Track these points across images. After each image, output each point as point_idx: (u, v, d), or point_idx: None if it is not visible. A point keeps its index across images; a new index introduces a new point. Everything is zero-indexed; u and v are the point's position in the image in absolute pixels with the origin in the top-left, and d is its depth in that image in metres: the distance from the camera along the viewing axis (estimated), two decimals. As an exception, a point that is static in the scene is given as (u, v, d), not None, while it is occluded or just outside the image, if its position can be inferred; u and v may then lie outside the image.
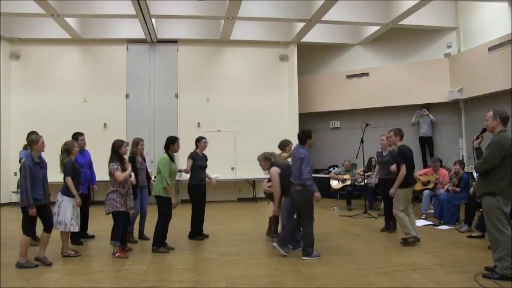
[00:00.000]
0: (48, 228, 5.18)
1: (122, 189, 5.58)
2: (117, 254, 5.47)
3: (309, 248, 5.32)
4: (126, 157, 5.88)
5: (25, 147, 5.54)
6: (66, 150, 5.56)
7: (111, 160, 5.66)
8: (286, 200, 5.84)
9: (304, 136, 5.49)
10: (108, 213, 5.60)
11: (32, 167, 4.95)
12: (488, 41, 9.61)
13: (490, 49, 9.46)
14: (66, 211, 5.36)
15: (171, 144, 6.14)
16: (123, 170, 5.60)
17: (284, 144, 6.57)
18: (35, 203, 4.90)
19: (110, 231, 5.56)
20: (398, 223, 6.08)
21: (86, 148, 6.85)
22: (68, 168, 5.44)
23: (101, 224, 7.58)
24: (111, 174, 5.57)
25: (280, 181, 5.85)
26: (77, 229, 5.51)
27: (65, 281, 4.52)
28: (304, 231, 5.40)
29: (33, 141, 5.08)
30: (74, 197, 5.41)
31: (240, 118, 11.75)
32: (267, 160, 6.15)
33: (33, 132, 5.51)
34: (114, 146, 5.75)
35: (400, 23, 10.48)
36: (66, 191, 5.42)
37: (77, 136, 6.68)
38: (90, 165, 6.82)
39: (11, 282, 4.42)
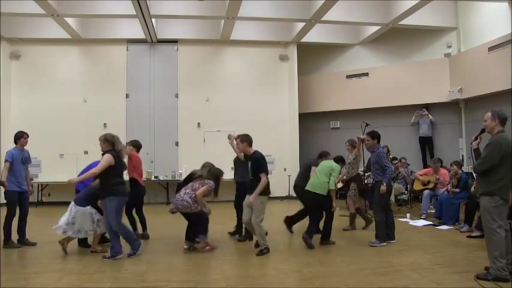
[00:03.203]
0: None
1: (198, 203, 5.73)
2: (207, 248, 5.68)
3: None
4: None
5: None
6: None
7: (209, 179, 5.86)
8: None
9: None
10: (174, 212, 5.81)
11: None
12: (488, 41, 9.61)
13: (490, 49, 9.47)
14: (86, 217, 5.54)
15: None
16: None
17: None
18: None
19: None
20: (257, 232, 5.55)
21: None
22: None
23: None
24: (202, 186, 5.76)
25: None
26: (104, 229, 5.58)
27: (65, 281, 4.51)
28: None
29: None
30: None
31: (240, 118, 11.74)
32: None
33: None
34: (215, 174, 5.99)
35: (400, 23, 10.49)
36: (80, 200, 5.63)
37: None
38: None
39: (11, 282, 4.42)
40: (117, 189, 5.26)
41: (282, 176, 11.89)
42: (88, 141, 11.23)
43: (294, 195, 11.77)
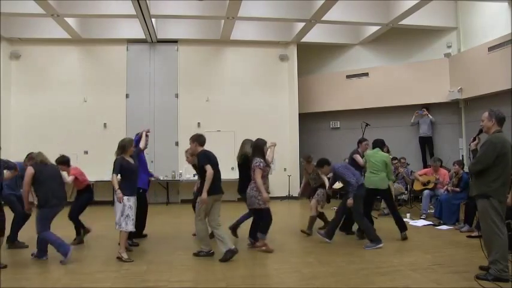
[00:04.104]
0: None
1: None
2: (263, 248, 5.59)
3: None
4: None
5: None
6: (122, 147, 5.45)
7: (254, 156, 5.63)
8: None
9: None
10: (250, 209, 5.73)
11: None
12: (488, 41, 9.61)
13: (490, 49, 9.47)
14: (116, 210, 5.27)
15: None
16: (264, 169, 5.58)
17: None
18: None
19: (108, 232, 5.55)
20: (196, 232, 5.52)
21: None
22: (116, 165, 5.35)
23: (101, 223, 7.60)
24: (253, 170, 5.54)
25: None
26: (129, 229, 5.30)
27: (65, 281, 4.51)
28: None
29: None
30: (124, 196, 5.26)
31: (240, 118, 11.75)
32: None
33: None
34: (258, 144, 5.74)
35: (400, 23, 10.48)
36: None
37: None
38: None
39: (11, 282, 4.42)
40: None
41: (282, 176, 11.89)
42: (88, 141, 11.27)
43: (295, 195, 11.87)
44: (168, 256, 5.53)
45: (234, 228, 6.60)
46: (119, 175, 5.37)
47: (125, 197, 5.25)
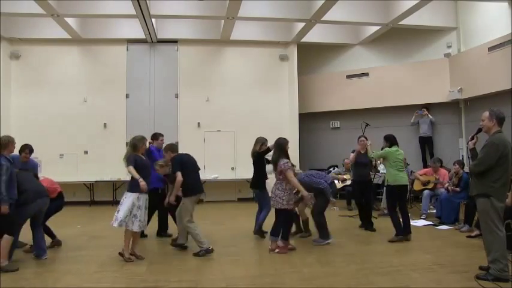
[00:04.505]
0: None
1: (288, 187, 5.55)
2: (277, 250, 5.54)
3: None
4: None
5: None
6: (133, 145, 5.40)
7: (279, 157, 5.63)
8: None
9: None
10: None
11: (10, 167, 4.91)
12: (488, 41, 9.61)
13: (490, 49, 9.46)
14: (123, 208, 5.18)
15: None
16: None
17: None
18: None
19: (108, 232, 5.55)
20: (191, 235, 5.56)
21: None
22: (130, 158, 5.28)
23: (101, 223, 7.60)
24: (281, 172, 5.53)
25: None
26: (135, 229, 5.22)
27: (65, 281, 4.51)
28: None
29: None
30: (134, 193, 5.19)
31: (240, 118, 11.75)
32: None
33: None
34: (280, 144, 5.76)
35: (400, 23, 10.48)
36: (130, 188, 5.26)
37: (157, 136, 6.76)
38: None
39: (11, 282, 4.42)
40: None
41: (282, 176, 11.89)
42: (88, 141, 11.27)
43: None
44: (168, 256, 5.53)
45: (259, 231, 6.65)
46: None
47: (135, 196, 5.19)
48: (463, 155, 10.54)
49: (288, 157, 5.71)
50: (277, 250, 5.56)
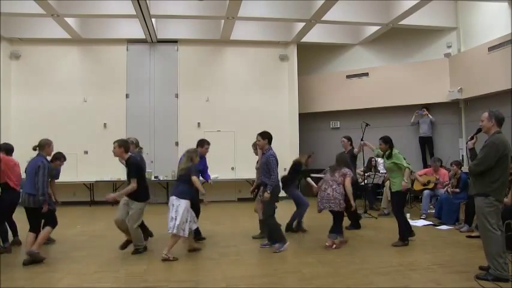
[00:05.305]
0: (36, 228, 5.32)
1: (342, 191, 5.94)
2: (334, 246, 5.81)
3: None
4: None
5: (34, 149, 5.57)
6: (190, 158, 5.68)
7: (343, 166, 6.13)
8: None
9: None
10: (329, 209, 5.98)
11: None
12: (488, 41, 9.61)
13: (490, 49, 9.47)
14: (182, 215, 5.37)
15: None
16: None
17: None
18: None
19: (108, 232, 5.55)
20: (133, 236, 5.59)
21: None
22: (193, 169, 5.63)
23: (101, 223, 7.60)
24: (344, 176, 5.98)
25: None
26: (186, 234, 5.44)
27: (65, 281, 4.52)
28: None
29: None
30: (187, 200, 5.45)
31: (240, 118, 11.76)
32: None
33: None
34: (343, 158, 6.38)
35: (400, 23, 10.48)
36: (183, 195, 5.44)
37: (203, 143, 6.80)
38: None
39: (11, 282, 4.43)
40: None
41: (281, 176, 11.90)
42: (88, 141, 11.28)
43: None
44: (168, 256, 5.53)
45: (298, 227, 6.97)
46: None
47: (188, 203, 5.47)
48: (463, 155, 10.54)
49: (349, 168, 6.27)
50: (334, 246, 5.82)
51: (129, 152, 5.70)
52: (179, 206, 5.35)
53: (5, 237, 5.88)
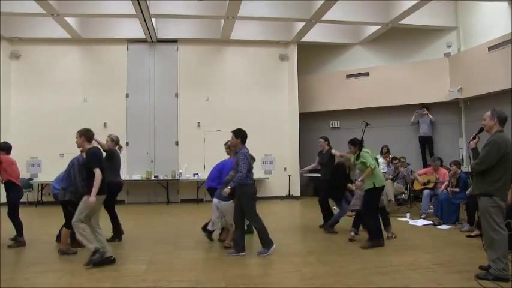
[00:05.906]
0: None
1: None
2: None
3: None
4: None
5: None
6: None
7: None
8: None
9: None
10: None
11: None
12: (488, 40, 9.61)
13: (490, 49, 9.47)
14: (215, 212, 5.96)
15: None
16: None
17: None
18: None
19: (108, 232, 5.54)
20: (77, 236, 5.11)
21: None
22: None
23: (100, 224, 7.58)
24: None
25: None
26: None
27: (65, 280, 4.51)
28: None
29: None
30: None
31: (240, 118, 11.69)
32: None
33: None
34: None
35: (400, 22, 10.49)
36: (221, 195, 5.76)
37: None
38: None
39: (11, 282, 4.42)
40: None
41: (282, 175, 11.91)
42: (88, 141, 11.26)
43: (295, 194, 11.87)
44: (168, 256, 5.53)
45: (331, 226, 7.03)
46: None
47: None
48: (463, 155, 10.55)
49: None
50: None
51: (91, 142, 5.28)
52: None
53: (20, 230, 6.02)
